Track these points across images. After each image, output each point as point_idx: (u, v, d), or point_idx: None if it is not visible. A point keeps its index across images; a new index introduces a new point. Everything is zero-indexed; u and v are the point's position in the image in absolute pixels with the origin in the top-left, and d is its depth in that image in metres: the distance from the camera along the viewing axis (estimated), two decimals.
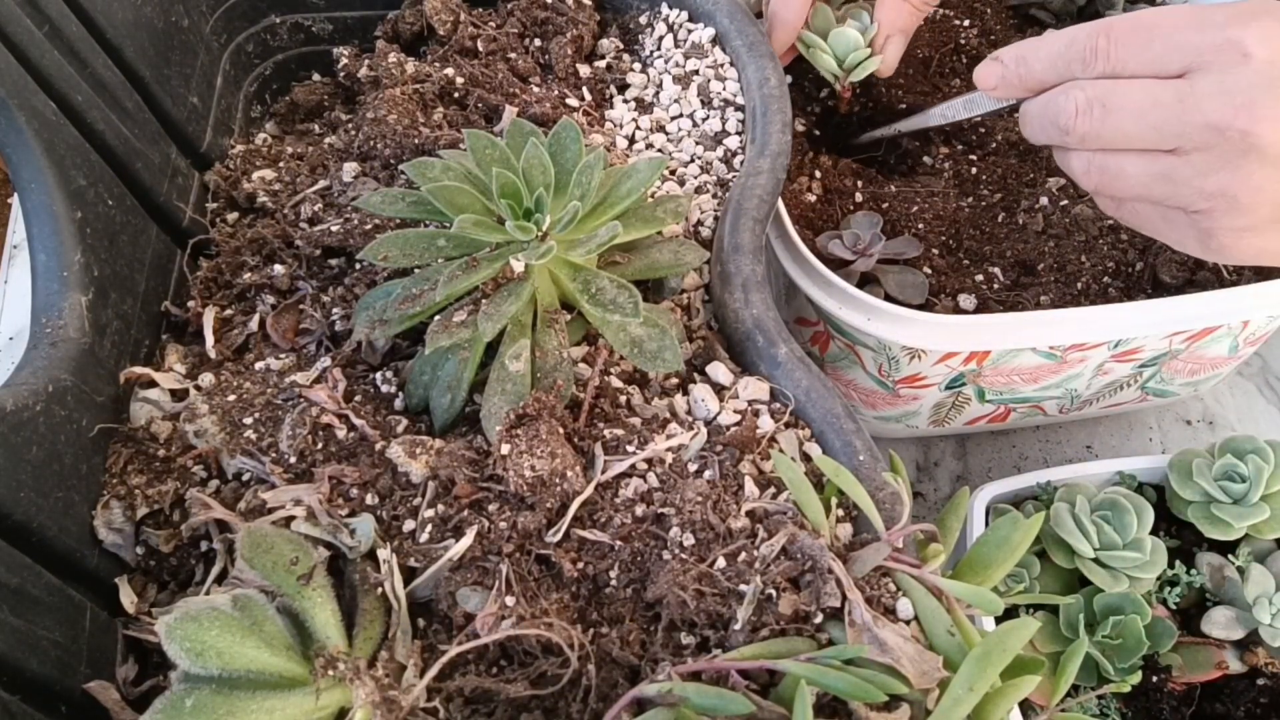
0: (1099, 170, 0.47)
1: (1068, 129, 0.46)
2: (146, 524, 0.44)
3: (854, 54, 0.60)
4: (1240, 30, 0.42)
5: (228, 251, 0.54)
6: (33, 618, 0.37)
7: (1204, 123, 0.42)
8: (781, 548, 0.39)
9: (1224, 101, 0.42)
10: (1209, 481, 0.56)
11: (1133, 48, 0.45)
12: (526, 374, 0.44)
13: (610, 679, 0.38)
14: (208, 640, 0.33)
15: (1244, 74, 0.41)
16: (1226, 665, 0.54)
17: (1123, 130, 0.45)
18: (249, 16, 0.64)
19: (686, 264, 0.49)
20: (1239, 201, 0.42)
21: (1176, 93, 0.43)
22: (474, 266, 0.44)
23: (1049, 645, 0.54)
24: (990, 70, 0.51)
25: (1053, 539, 0.56)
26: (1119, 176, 0.46)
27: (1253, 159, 0.42)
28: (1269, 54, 0.41)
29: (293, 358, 0.49)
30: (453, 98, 0.59)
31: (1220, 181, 0.42)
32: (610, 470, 0.42)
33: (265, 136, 0.64)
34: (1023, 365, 0.58)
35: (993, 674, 0.34)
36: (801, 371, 0.46)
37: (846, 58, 0.60)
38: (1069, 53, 0.47)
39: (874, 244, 0.57)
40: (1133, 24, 0.45)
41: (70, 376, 0.43)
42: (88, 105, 0.49)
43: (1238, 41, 0.42)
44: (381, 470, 0.44)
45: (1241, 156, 0.42)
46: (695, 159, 0.57)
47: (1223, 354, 0.62)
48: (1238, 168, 0.42)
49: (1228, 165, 0.42)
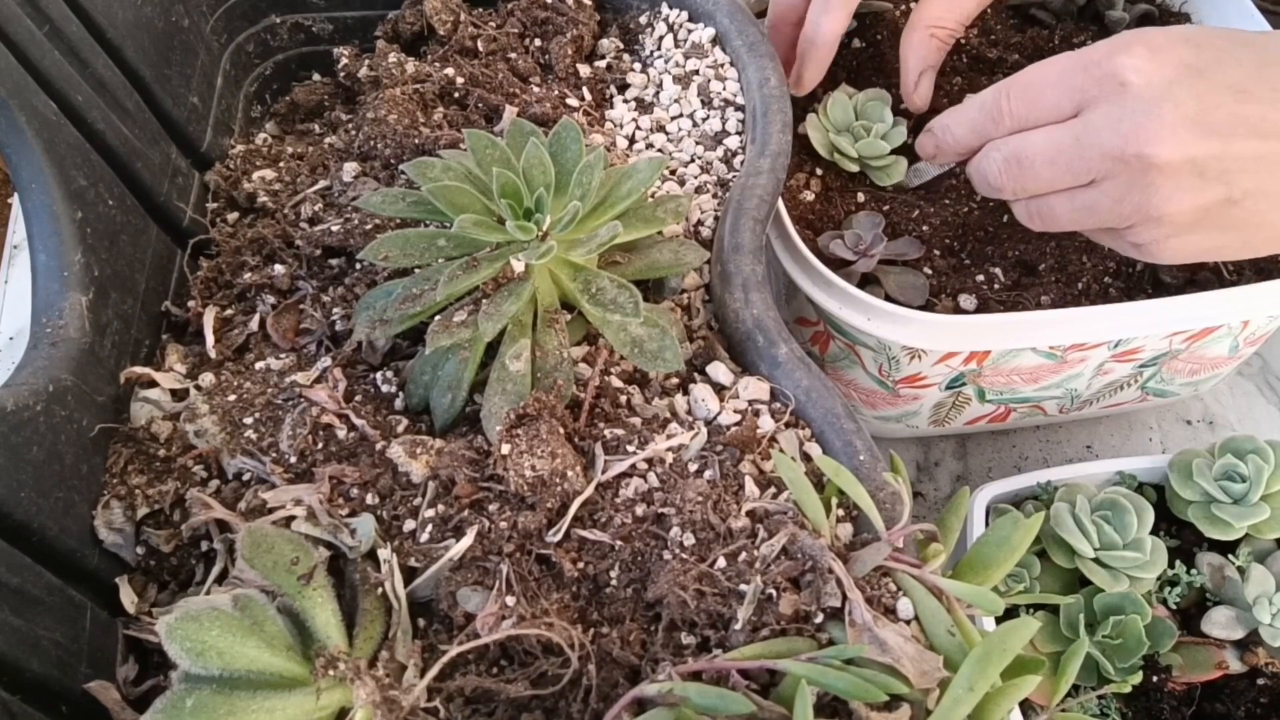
0: (1037, 214, 0.51)
1: (998, 187, 0.50)
2: (147, 524, 0.44)
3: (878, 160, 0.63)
4: (1114, 63, 0.45)
5: (228, 251, 0.54)
6: (33, 618, 0.37)
7: (1102, 154, 0.45)
8: (782, 548, 0.39)
9: (1114, 131, 0.45)
10: (1209, 481, 0.56)
11: (1029, 101, 0.49)
12: (527, 374, 0.44)
13: (610, 679, 0.38)
14: (208, 640, 0.33)
15: (1126, 102, 0.45)
16: (1227, 665, 0.54)
17: (1040, 178, 0.49)
18: (249, 16, 0.64)
19: (687, 264, 0.49)
20: (1154, 215, 0.46)
21: (1073, 133, 0.47)
22: (474, 266, 0.44)
23: (1049, 645, 0.54)
24: (925, 141, 0.56)
25: (1053, 539, 0.56)
26: (1053, 216, 0.50)
27: (1154, 176, 0.45)
28: (1143, 79, 0.44)
29: (293, 358, 0.49)
30: (453, 98, 0.59)
31: (1134, 202, 0.46)
32: (610, 470, 0.42)
33: (265, 136, 0.64)
34: (1023, 365, 0.58)
35: (993, 674, 0.34)
36: (802, 371, 0.46)
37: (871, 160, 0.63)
38: (981, 116, 0.51)
39: (875, 244, 0.57)
40: (1026, 79, 0.49)
41: (71, 376, 0.43)
42: (88, 105, 0.49)
43: (1114, 73, 0.45)
44: (382, 470, 0.44)
45: (1144, 177, 0.45)
46: (695, 159, 0.57)
47: (1223, 354, 0.62)
48: (1144, 187, 0.45)
49: (1135, 187, 0.45)
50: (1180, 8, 0.71)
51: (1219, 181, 0.44)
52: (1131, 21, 0.69)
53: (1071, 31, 0.70)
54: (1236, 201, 0.45)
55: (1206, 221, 0.46)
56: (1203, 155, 0.44)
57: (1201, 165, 0.44)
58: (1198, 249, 0.48)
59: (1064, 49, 0.69)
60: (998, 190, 0.51)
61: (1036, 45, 0.69)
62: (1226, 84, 0.44)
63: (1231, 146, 0.44)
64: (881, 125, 0.62)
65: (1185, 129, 0.44)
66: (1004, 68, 0.68)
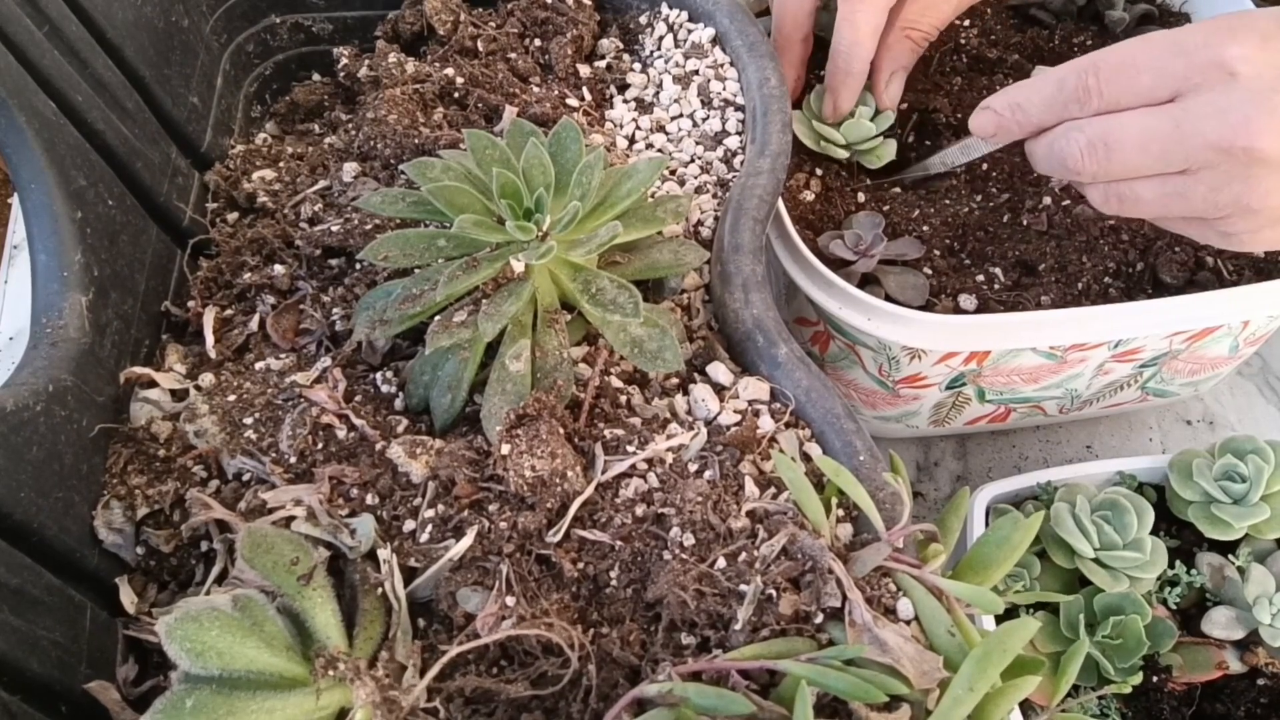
0: (1117, 199, 0.49)
1: (1077, 170, 0.48)
2: (147, 524, 0.44)
3: (866, 142, 0.62)
4: (1221, 49, 0.44)
5: (228, 251, 0.54)
6: (33, 618, 0.37)
7: (1205, 144, 0.44)
8: (782, 548, 0.39)
9: (1220, 121, 0.43)
10: (1209, 481, 0.56)
11: (1122, 83, 0.46)
12: (527, 374, 0.44)
13: (610, 679, 0.38)
14: (208, 640, 0.33)
15: (1234, 91, 0.43)
16: (1226, 665, 0.54)
17: (1129, 164, 0.47)
18: (249, 16, 0.64)
19: (686, 264, 0.49)
20: (1252, 208, 0.45)
21: (1173, 119, 0.45)
22: (474, 266, 0.44)
23: (1049, 645, 0.54)
24: (986, 119, 0.53)
25: (1053, 539, 0.56)
26: (1137, 202, 0.48)
27: (1257, 170, 0.43)
28: (1253, 69, 0.43)
29: (293, 358, 0.49)
30: (453, 98, 0.59)
31: (1232, 194, 0.45)
32: (610, 470, 0.42)
33: (265, 136, 0.64)
34: (1023, 365, 0.58)
35: (993, 674, 0.34)
36: (802, 371, 0.46)
37: (859, 144, 0.62)
38: (1061, 95, 0.48)
39: (875, 245, 0.57)
40: (1118, 59, 0.47)
41: (70, 376, 0.43)
42: (88, 105, 0.49)
43: (1221, 61, 0.43)
44: (382, 470, 0.44)
45: (1247, 169, 0.44)
46: (695, 159, 0.57)
47: (1223, 354, 0.62)
48: (1246, 180, 0.44)
49: (1236, 179, 0.44)
50: (1180, 7, 0.71)
51: None
52: (1131, 21, 0.69)
53: (1071, 31, 0.70)
54: None
55: None
56: None
57: None
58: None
59: (1064, 49, 0.69)
60: (1075, 173, 0.48)
61: (1036, 45, 0.70)
62: None
63: None
64: (865, 109, 0.62)
65: None
66: (1004, 68, 0.68)
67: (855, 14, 0.57)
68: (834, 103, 0.61)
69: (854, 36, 0.58)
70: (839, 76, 0.60)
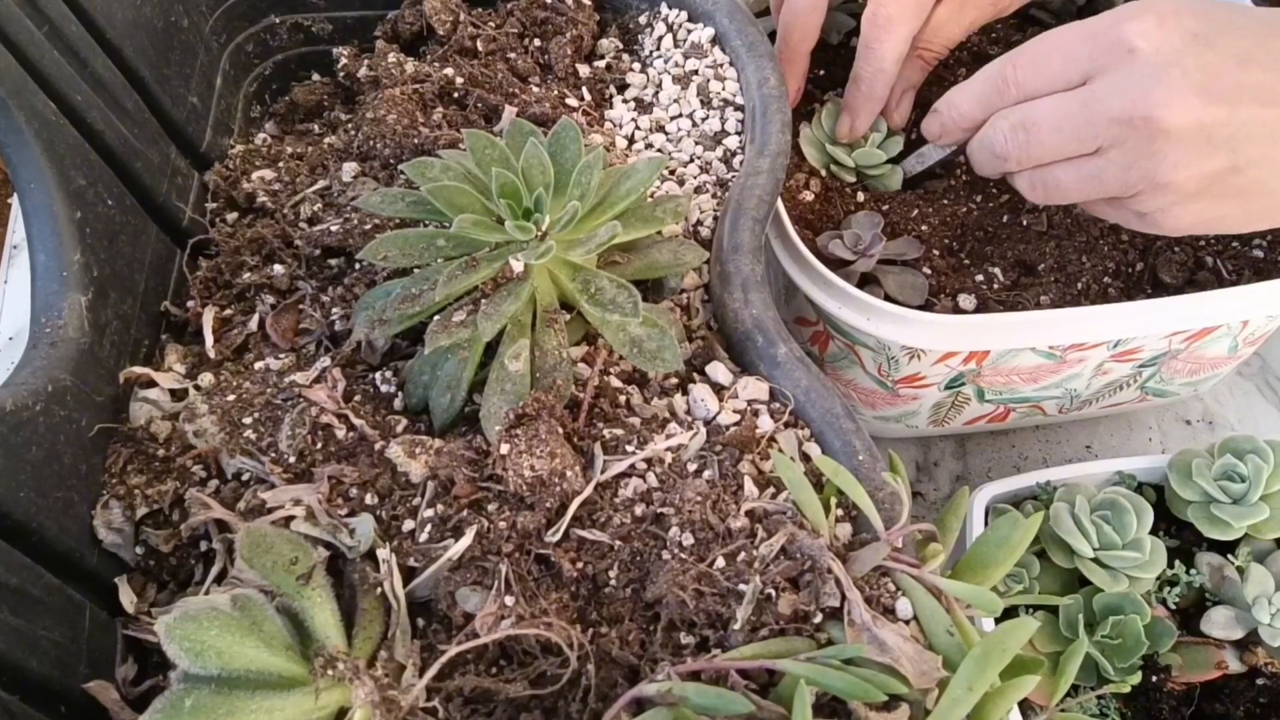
0: (1040, 185, 0.51)
1: (1003, 155, 0.50)
2: (146, 524, 0.44)
3: (876, 169, 0.63)
4: (1122, 30, 0.46)
5: (227, 251, 0.54)
6: (32, 618, 0.37)
7: (1110, 119, 0.46)
8: (781, 547, 0.39)
9: (1122, 97, 0.45)
10: (1209, 481, 0.56)
11: (1035, 70, 0.49)
12: (526, 374, 0.44)
13: (610, 679, 0.38)
14: (207, 640, 0.33)
15: (1134, 68, 0.45)
16: (1226, 665, 0.54)
17: (1046, 145, 0.49)
18: (249, 16, 0.64)
19: (686, 264, 0.49)
20: (1159, 182, 0.46)
21: (1081, 100, 0.47)
22: (473, 266, 0.44)
23: (1049, 645, 0.54)
24: (931, 121, 0.56)
25: (1052, 539, 0.56)
26: (1057, 186, 0.50)
27: (1161, 141, 0.45)
28: (1151, 45, 0.45)
29: (292, 358, 0.49)
30: (452, 98, 0.59)
31: (1141, 169, 0.46)
32: (610, 470, 0.42)
33: (265, 136, 0.64)
34: (1022, 365, 0.58)
35: (992, 674, 0.34)
36: (801, 371, 0.46)
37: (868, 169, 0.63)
38: (987, 88, 0.51)
39: (874, 244, 0.57)
40: (1033, 49, 0.49)
41: (70, 376, 0.43)
42: (87, 105, 0.49)
43: (1121, 40, 0.45)
44: (381, 470, 0.44)
45: (1150, 142, 0.45)
46: (695, 159, 0.57)
47: (1222, 354, 0.62)
48: (1151, 154, 0.45)
49: (1142, 153, 0.46)
50: None
51: (1225, 148, 0.45)
52: None
53: None
54: (1240, 169, 0.45)
55: (1211, 189, 0.46)
56: (1210, 121, 0.44)
57: (1209, 131, 0.44)
58: (1200, 218, 0.48)
59: None
60: (1002, 159, 0.51)
61: None
62: (1232, 52, 0.44)
63: (1238, 113, 0.44)
64: (877, 135, 0.62)
65: (1193, 94, 0.44)
66: None
67: (881, 43, 0.58)
68: (852, 122, 0.62)
69: (879, 65, 0.59)
70: (860, 100, 0.61)
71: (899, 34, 0.58)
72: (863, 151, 0.62)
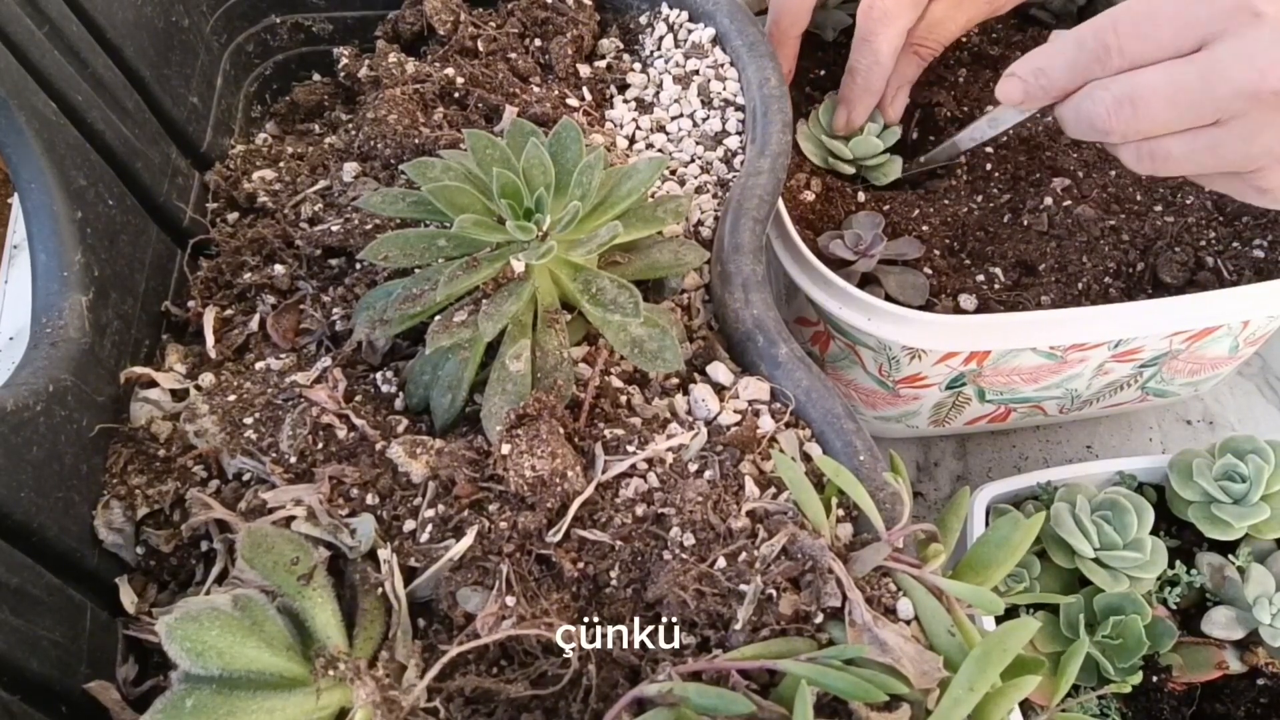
0: (1149, 157, 0.47)
1: (1106, 130, 0.46)
2: (147, 524, 0.44)
3: (873, 159, 0.63)
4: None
5: (228, 251, 0.54)
6: (33, 618, 0.37)
7: (1234, 91, 0.42)
8: (782, 548, 0.39)
9: (1248, 66, 0.41)
10: (1209, 481, 0.56)
11: (1142, 35, 0.45)
12: (527, 374, 0.44)
13: (610, 679, 0.38)
14: (208, 640, 0.33)
15: (1261, 34, 0.41)
16: (1226, 665, 0.54)
17: (1158, 119, 0.45)
18: (249, 16, 0.64)
19: (687, 264, 0.49)
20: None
21: (1198, 69, 0.43)
22: (474, 266, 0.44)
23: (1049, 645, 0.54)
24: (1012, 86, 0.52)
25: (1053, 539, 0.56)
26: (1168, 159, 0.46)
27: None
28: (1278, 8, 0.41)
29: (293, 358, 0.49)
30: (453, 98, 0.59)
31: (1265, 142, 0.43)
32: (610, 470, 0.42)
33: (265, 136, 0.64)
34: (1023, 365, 0.58)
35: (993, 674, 0.34)
36: (802, 371, 0.46)
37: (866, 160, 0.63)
38: (1082, 55, 0.47)
39: (875, 244, 0.57)
40: (1136, 11, 0.45)
41: (70, 376, 0.43)
42: (88, 105, 0.49)
43: (1245, 3, 0.42)
44: (382, 470, 0.44)
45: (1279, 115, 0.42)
46: (695, 159, 0.57)
47: (1223, 354, 0.62)
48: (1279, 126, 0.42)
49: (1268, 127, 0.42)
50: None
51: None
52: None
53: None
54: None
55: None
56: None
57: None
58: None
59: None
60: (1104, 134, 0.47)
61: (1037, 45, 0.69)
62: None
63: None
64: (874, 125, 0.62)
65: None
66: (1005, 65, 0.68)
67: (877, 36, 0.58)
68: (848, 115, 0.62)
69: (875, 57, 0.58)
70: (856, 92, 0.61)
71: (895, 27, 0.57)
72: (860, 140, 0.62)
